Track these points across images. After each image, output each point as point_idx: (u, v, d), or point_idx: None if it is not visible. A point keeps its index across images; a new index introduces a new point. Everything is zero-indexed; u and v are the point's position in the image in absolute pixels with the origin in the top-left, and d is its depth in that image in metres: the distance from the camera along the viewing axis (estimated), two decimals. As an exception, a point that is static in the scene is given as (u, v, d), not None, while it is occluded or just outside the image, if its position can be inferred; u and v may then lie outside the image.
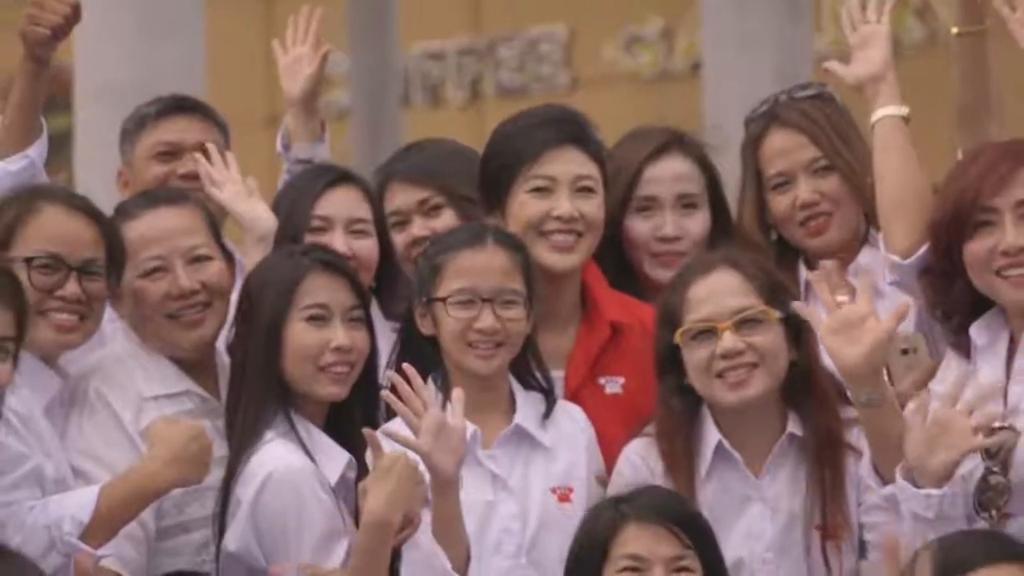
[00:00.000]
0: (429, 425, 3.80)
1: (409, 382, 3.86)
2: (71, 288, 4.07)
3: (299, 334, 4.03)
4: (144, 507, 3.90)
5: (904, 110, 4.21)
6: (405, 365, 3.97)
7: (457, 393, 3.89)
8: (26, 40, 4.50)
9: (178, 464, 3.86)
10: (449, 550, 3.80)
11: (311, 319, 4.04)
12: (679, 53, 15.94)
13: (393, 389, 3.87)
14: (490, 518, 4.00)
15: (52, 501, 3.83)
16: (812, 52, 10.44)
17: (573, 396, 4.25)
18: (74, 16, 4.50)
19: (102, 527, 3.81)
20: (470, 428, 4.00)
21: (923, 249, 4.02)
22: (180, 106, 4.91)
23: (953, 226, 3.90)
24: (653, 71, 16.30)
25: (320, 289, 4.06)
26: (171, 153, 4.74)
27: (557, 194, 4.29)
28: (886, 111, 4.19)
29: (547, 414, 4.14)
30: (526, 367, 4.17)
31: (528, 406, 4.14)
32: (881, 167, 4.17)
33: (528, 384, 4.17)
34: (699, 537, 3.67)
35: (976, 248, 3.87)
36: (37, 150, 4.45)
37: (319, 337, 4.03)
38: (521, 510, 4.03)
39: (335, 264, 4.16)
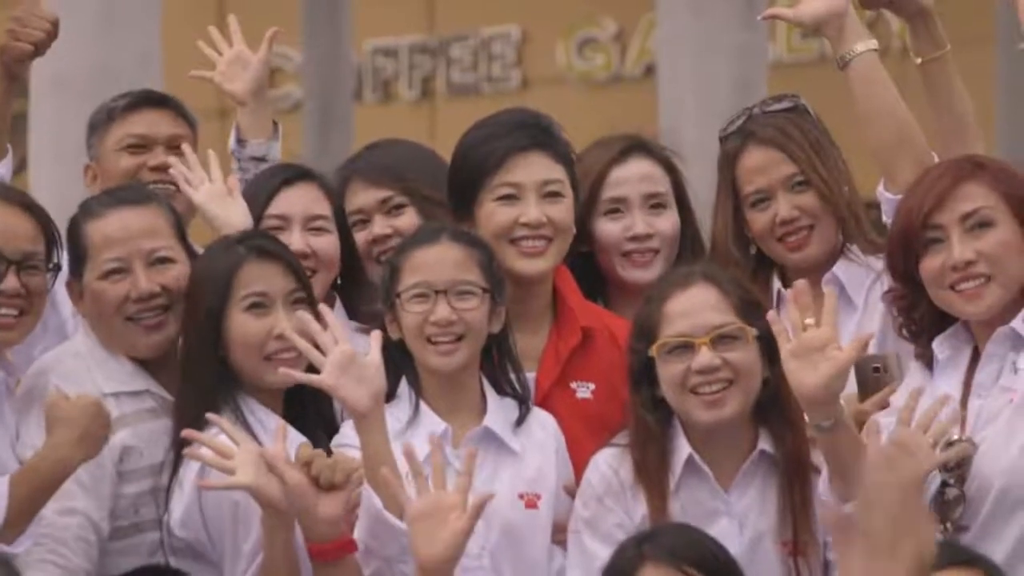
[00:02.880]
0: (335, 359, 3.77)
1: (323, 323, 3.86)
2: (10, 282, 4.02)
3: (241, 324, 4.02)
4: (53, 490, 3.84)
5: (874, 43, 4.28)
6: (321, 305, 4.00)
7: (375, 333, 3.92)
8: (5, 55, 4.49)
9: (84, 444, 3.84)
10: (381, 493, 3.76)
11: (251, 307, 4.01)
12: (632, 56, 16.00)
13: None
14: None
15: None
16: (767, 59, 10.44)
17: (545, 397, 4.23)
18: (54, 32, 4.50)
19: (18, 519, 3.79)
20: (441, 426, 4.02)
21: None
22: (149, 99, 4.90)
23: (906, 247, 3.91)
24: (606, 74, 16.38)
25: (257, 277, 4.04)
26: (141, 146, 4.72)
27: (524, 201, 4.27)
28: (865, 46, 4.24)
29: (520, 421, 4.11)
30: (502, 372, 4.15)
31: (500, 410, 4.11)
32: (870, 105, 4.25)
33: (502, 390, 4.14)
34: (713, 571, 3.63)
35: (929, 266, 3.89)
36: (3, 168, 4.48)
37: (261, 326, 4.01)
38: (487, 514, 3.92)
39: (270, 250, 4.13)
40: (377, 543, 3.83)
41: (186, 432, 3.87)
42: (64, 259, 4.22)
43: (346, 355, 3.80)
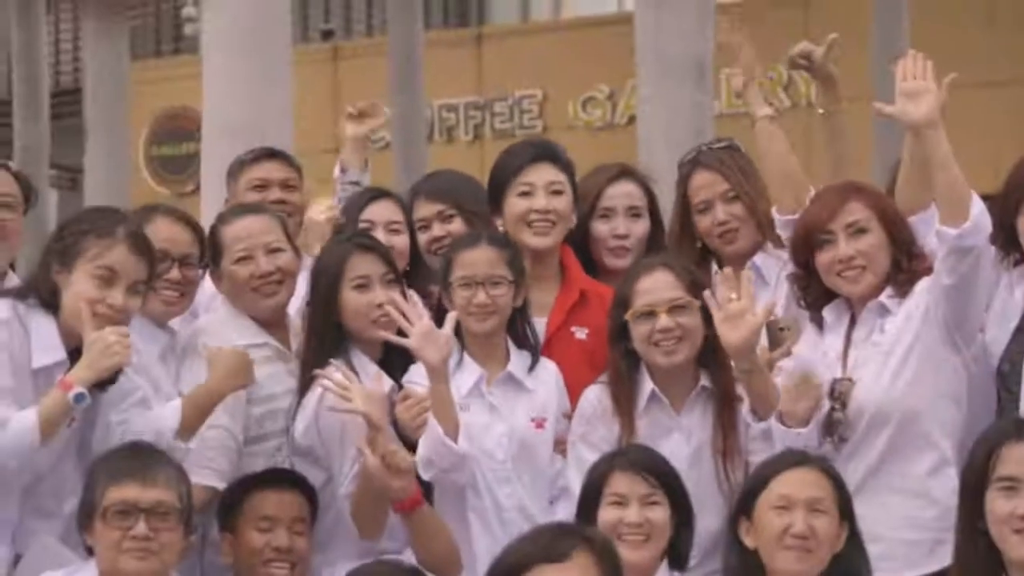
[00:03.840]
0: (419, 330, 3.78)
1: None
2: (174, 274, 4.03)
3: (352, 299, 3.97)
4: (212, 409, 3.84)
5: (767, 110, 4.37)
6: (410, 292, 4.05)
7: (451, 315, 3.93)
8: None
9: (230, 377, 3.86)
10: (443, 423, 3.77)
11: (357, 287, 3.97)
12: (620, 110, 15.96)
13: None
14: (487, 434, 3.94)
15: (152, 414, 3.78)
16: (713, 112, 10.43)
17: (552, 337, 4.21)
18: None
19: (189, 426, 3.77)
20: (477, 371, 4.01)
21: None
22: (269, 153, 4.86)
23: (806, 244, 3.90)
24: (602, 123, 16.36)
25: (360, 264, 4.00)
26: (263, 186, 4.67)
27: (536, 195, 4.25)
28: (764, 113, 4.35)
29: (532, 366, 4.09)
30: (521, 332, 4.11)
31: (518, 359, 4.08)
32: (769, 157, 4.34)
33: (520, 344, 4.11)
34: (665, 480, 3.63)
35: (822, 259, 3.87)
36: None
37: (366, 300, 3.96)
38: (508, 430, 3.97)
39: (369, 244, 4.11)
40: (437, 458, 3.79)
41: (317, 372, 3.88)
42: None
43: (427, 326, 3.81)
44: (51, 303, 3.73)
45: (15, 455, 3.56)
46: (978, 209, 3.64)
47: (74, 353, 3.68)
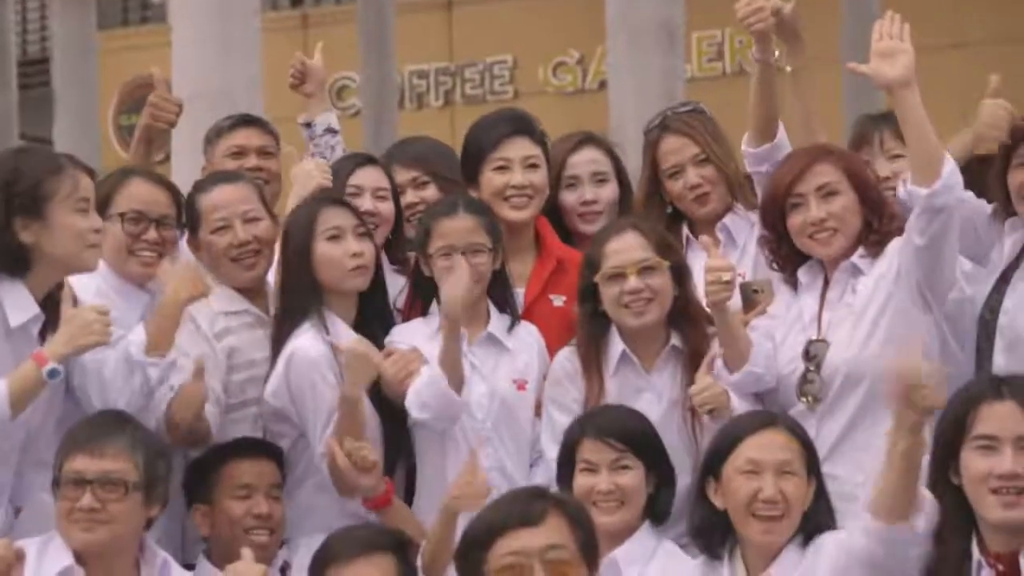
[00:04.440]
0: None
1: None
2: (152, 234, 4.01)
3: (325, 250, 3.94)
4: (175, 322, 3.83)
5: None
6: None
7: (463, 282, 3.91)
8: (148, 131, 4.52)
9: (185, 286, 3.82)
10: (450, 376, 3.82)
11: (330, 238, 3.94)
12: (591, 76, 15.94)
13: None
14: (468, 393, 3.93)
15: (120, 342, 3.73)
16: (683, 77, 10.41)
17: (530, 306, 4.22)
18: (180, 111, 4.56)
19: (157, 344, 3.75)
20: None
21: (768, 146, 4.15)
22: (244, 120, 4.81)
23: (776, 208, 3.89)
24: (573, 88, 16.36)
25: (332, 216, 3.97)
26: (240, 153, 4.61)
27: (513, 170, 4.24)
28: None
29: (511, 327, 4.10)
30: (500, 295, 4.12)
31: (498, 320, 4.09)
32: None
33: (500, 307, 4.12)
34: (637, 441, 3.64)
35: (793, 222, 3.87)
36: None
37: (339, 249, 3.94)
38: (489, 390, 3.98)
39: (336, 199, 4.11)
40: (436, 404, 3.83)
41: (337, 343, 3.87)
42: None
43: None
44: (15, 267, 3.68)
45: None
46: (949, 168, 3.64)
47: (46, 301, 3.68)
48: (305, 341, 3.88)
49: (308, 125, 4.72)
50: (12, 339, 3.65)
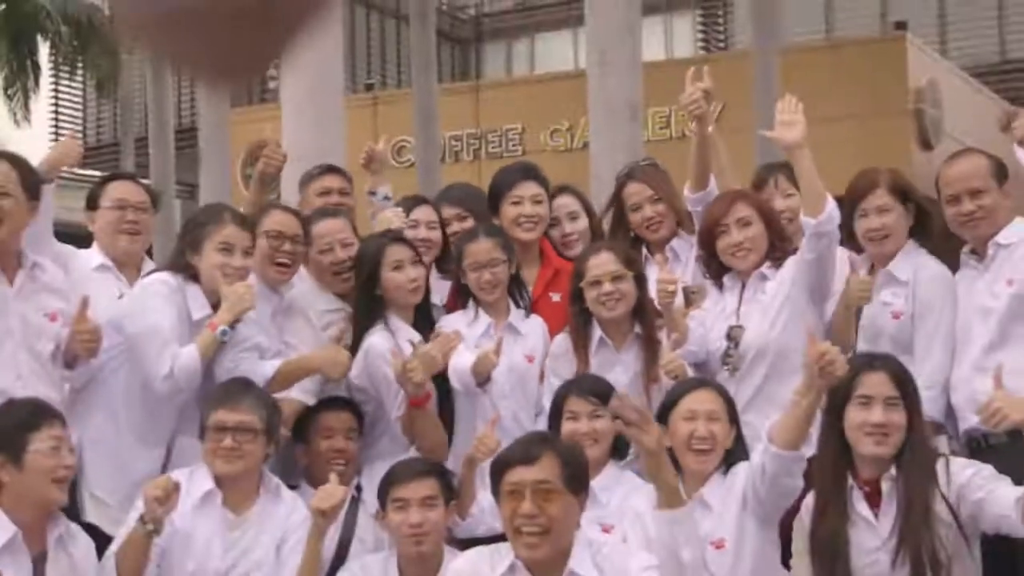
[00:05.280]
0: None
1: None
2: (287, 247, 3.91)
3: (391, 278, 3.86)
4: (300, 379, 3.73)
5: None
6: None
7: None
8: (263, 176, 4.44)
9: (325, 365, 3.71)
10: (477, 375, 3.73)
11: (395, 268, 3.87)
12: (577, 139, 15.89)
13: None
14: (499, 369, 3.81)
15: (257, 364, 3.67)
16: (642, 140, 10.38)
17: (536, 301, 4.17)
18: (285, 161, 4.47)
19: (277, 384, 3.68)
20: (487, 321, 3.99)
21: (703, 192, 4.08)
22: (330, 168, 4.73)
23: (709, 234, 3.87)
24: (564, 148, 16.33)
25: (396, 251, 3.89)
26: (326, 193, 4.54)
27: (524, 204, 4.22)
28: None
29: (526, 318, 4.09)
30: (516, 292, 4.09)
31: (516, 313, 4.06)
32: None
33: (516, 302, 4.09)
34: (606, 398, 3.51)
35: (721, 245, 3.84)
36: None
37: (403, 277, 3.86)
38: (508, 363, 3.90)
39: (400, 237, 4.03)
40: (462, 387, 3.77)
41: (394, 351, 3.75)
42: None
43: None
44: (191, 278, 3.69)
45: (189, 377, 3.54)
46: (831, 206, 3.61)
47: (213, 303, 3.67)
48: (376, 339, 3.82)
49: (372, 193, 4.65)
50: (192, 328, 3.64)
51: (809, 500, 3.28)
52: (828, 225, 3.61)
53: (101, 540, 3.40)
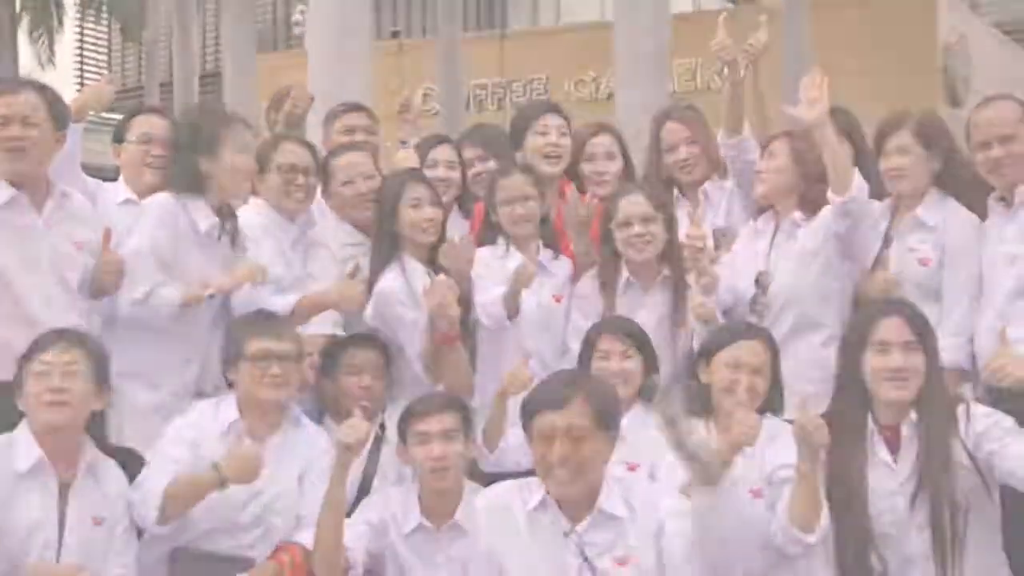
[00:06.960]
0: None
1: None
2: (300, 180, 3.88)
3: (408, 214, 3.82)
4: (316, 314, 3.73)
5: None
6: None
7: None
8: (289, 116, 4.43)
9: (342, 300, 3.71)
10: (508, 308, 3.73)
11: (413, 206, 3.82)
12: (602, 89, 15.80)
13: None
14: (524, 303, 3.81)
15: (275, 299, 3.64)
16: (667, 93, 10.35)
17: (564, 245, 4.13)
18: (312, 102, 4.53)
19: (296, 319, 3.65)
20: (519, 258, 3.91)
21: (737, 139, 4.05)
22: (355, 106, 4.68)
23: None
24: (589, 98, 16.25)
25: (415, 188, 3.85)
26: (351, 131, 4.48)
27: (550, 134, 4.21)
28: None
29: (555, 258, 4.05)
30: (548, 235, 4.06)
31: (545, 253, 4.02)
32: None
33: (546, 246, 4.05)
34: (636, 340, 3.57)
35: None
36: None
37: (420, 215, 3.82)
38: (536, 300, 3.87)
39: (420, 176, 3.98)
40: (491, 321, 3.77)
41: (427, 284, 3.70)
42: None
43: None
44: (195, 186, 3.62)
45: (157, 313, 3.52)
46: (857, 183, 3.57)
47: (218, 211, 3.63)
48: (387, 282, 3.77)
49: (404, 143, 4.58)
50: (199, 238, 3.61)
51: None
52: (854, 204, 3.56)
53: (133, 463, 3.39)
